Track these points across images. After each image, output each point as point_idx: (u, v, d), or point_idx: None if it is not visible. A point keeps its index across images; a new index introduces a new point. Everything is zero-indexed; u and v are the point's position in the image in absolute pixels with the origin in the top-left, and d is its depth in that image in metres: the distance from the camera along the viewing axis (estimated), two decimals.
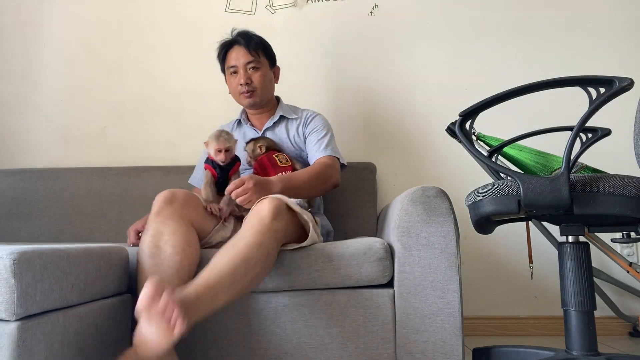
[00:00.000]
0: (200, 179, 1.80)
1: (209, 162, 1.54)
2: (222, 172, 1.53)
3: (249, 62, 1.69)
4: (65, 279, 0.99)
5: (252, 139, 1.71)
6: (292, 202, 1.34)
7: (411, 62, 2.25)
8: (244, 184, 1.36)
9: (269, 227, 1.21)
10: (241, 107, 1.85)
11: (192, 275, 1.24)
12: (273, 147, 1.68)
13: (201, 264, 1.30)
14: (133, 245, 1.44)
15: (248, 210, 1.35)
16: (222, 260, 1.13)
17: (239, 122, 1.84)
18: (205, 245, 1.43)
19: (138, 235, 1.48)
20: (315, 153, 1.69)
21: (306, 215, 1.36)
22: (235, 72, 1.71)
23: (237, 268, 1.12)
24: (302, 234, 1.37)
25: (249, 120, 1.83)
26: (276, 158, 1.62)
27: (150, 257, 1.23)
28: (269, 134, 1.76)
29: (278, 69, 1.83)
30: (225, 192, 1.39)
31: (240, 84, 1.69)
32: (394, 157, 2.22)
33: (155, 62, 2.32)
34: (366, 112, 2.25)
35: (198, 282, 1.07)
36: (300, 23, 2.30)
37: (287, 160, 1.63)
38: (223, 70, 1.79)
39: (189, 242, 1.27)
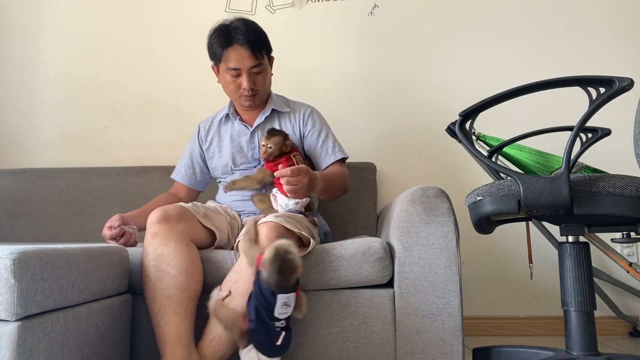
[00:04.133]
0: (185, 174, 1.77)
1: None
2: None
3: (253, 67, 1.59)
4: (65, 279, 0.99)
5: (278, 131, 1.57)
6: (290, 222, 1.32)
7: (411, 62, 2.25)
8: (299, 175, 1.35)
9: None
10: (228, 100, 1.77)
11: (199, 293, 1.26)
12: (293, 144, 1.61)
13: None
14: (110, 238, 1.42)
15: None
16: (218, 325, 1.18)
17: (227, 117, 1.74)
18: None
19: (110, 229, 1.44)
20: (326, 157, 1.67)
21: (304, 231, 1.34)
22: (237, 75, 1.60)
23: None
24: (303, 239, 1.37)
25: (238, 115, 1.73)
26: (294, 159, 1.56)
27: (156, 281, 1.23)
28: (261, 129, 1.68)
29: (272, 59, 1.71)
30: (276, 174, 1.37)
31: (244, 88, 1.60)
32: (394, 157, 2.22)
33: (155, 62, 2.32)
34: (366, 112, 2.25)
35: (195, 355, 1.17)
36: (300, 23, 2.30)
37: (302, 162, 1.59)
38: (215, 60, 1.66)
39: (191, 261, 1.27)
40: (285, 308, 1.09)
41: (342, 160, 1.70)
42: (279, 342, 1.10)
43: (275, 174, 1.38)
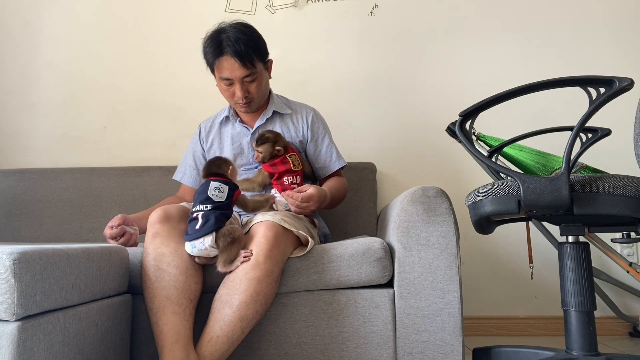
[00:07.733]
0: (189, 175, 1.78)
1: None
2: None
3: (245, 76, 1.57)
4: (65, 279, 0.99)
5: (265, 138, 1.57)
6: (288, 221, 1.33)
7: (411, 62, 2.25)
8: (309, 202, 1.42)
9: (264, 270, 1.22)
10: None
11: (198, 294, 1.26)
12: (286, 145, 1.60)
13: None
14: (110, 238, 1.43)
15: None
16: (217, 325, 1.19)
17: (227, 118, 1.74)
18: None
19: (111, 228, 1.45)
20: (331, 163, 1.71)
21: (303, 231, 1.35)
22: (230, 84, 1.60)
23: (234, 329, 1.19)
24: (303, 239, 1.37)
25: (238, 116, 1.73)
26: (290, 160, 1.56)
27: (156, 281, 1.23)
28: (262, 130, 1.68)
29: (271, 62, 1.69)
30: (286, 197, 1.43)
31: (237, 96, 1.60)
32: (394, 157, 2.21)
33: (156, 62, 2.32)
34: (366, 112, 2.25)
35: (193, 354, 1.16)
36: (300, 23, 2.30)
37: (299, 163, 1.59)
38: (209, 67, 1.65)
39: (192, 261, 1.27)
40: (217, 192, 1.28)
41: (342, 168, 1.74)
42: (197, 226, 1.23)
43: (285, 195, 1.43)
